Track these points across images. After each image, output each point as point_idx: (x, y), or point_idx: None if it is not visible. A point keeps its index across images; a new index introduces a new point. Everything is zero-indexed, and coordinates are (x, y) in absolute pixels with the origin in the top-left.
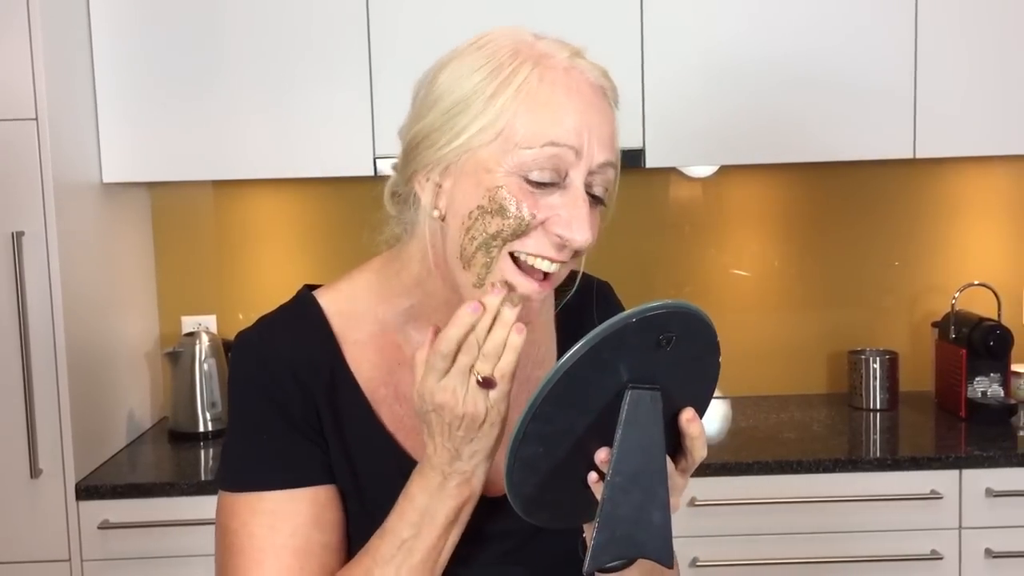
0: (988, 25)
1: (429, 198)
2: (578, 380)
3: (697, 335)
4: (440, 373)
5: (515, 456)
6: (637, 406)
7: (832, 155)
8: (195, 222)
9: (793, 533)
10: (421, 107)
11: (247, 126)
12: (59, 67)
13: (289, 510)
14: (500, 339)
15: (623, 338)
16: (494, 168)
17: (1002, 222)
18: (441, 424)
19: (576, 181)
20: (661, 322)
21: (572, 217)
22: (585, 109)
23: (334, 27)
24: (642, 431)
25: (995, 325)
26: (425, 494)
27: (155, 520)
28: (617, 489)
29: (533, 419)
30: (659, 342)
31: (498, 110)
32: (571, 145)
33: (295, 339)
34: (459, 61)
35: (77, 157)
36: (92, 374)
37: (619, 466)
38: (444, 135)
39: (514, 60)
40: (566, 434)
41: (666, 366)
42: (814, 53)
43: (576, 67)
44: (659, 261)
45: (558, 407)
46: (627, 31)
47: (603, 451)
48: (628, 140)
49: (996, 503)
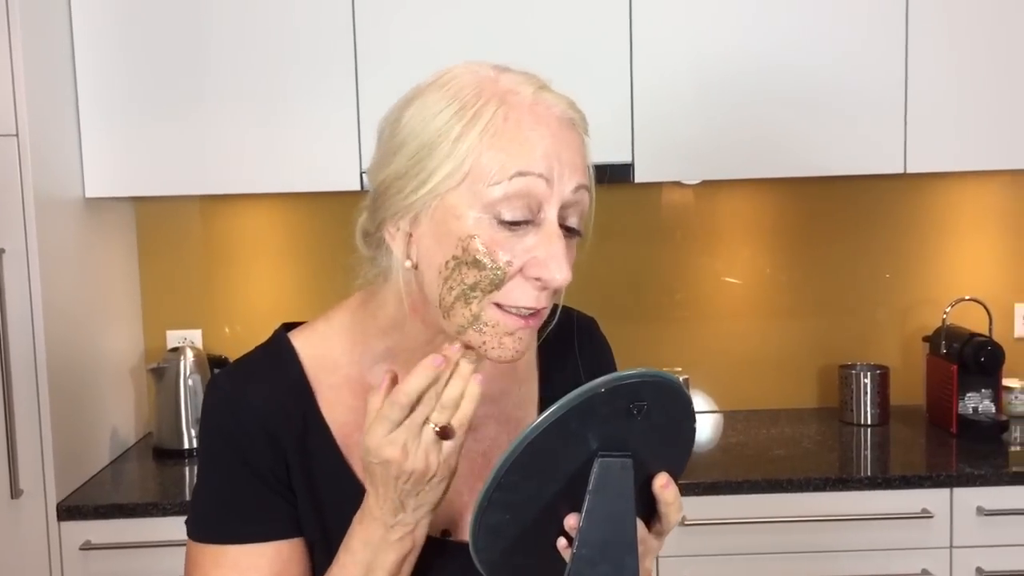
0: (978, 41)
1: (401, 248)
2: (544, 450)
3: (670, 403)
4: (392, 425)
5: (480, 523)
6: (606, 475)
7: (823, 170)
8: (180, 236)
9: (784, 552)
10: (387, 150)
11: (233, 140)
12: (40, 81)
13: (253, 565)
14: (458, 391)
15: (592, 408)
16: (464, 213)
17: (993, 237)
18: (386, 477)
19: (550, 216)
20: (631, 391)
21: (549, 256)
22: (553, 139)
23: (320, 41)
24: (611, 500)
25: (986, 341)
26: (367, 548)
27: (138, 541)
28: (584, 561)
29: (498, 488)
30: (630, 411)
31: (464, 152)
32: (540, 173)
33: (268, 387)
34: (422, 101)
35: (59, 172)
36: (74, 391)
37: (586, 536)
38: (411, 181)
39: (478, 99)
40: (533, 501)
41: (638, 433)
42: (804, 68)
43: (542, 101)
44: (650, 269)
45: (524, 476)
46: (616, 46)
47: (572, 517)
48: (617, 155)
49: (987, 522)
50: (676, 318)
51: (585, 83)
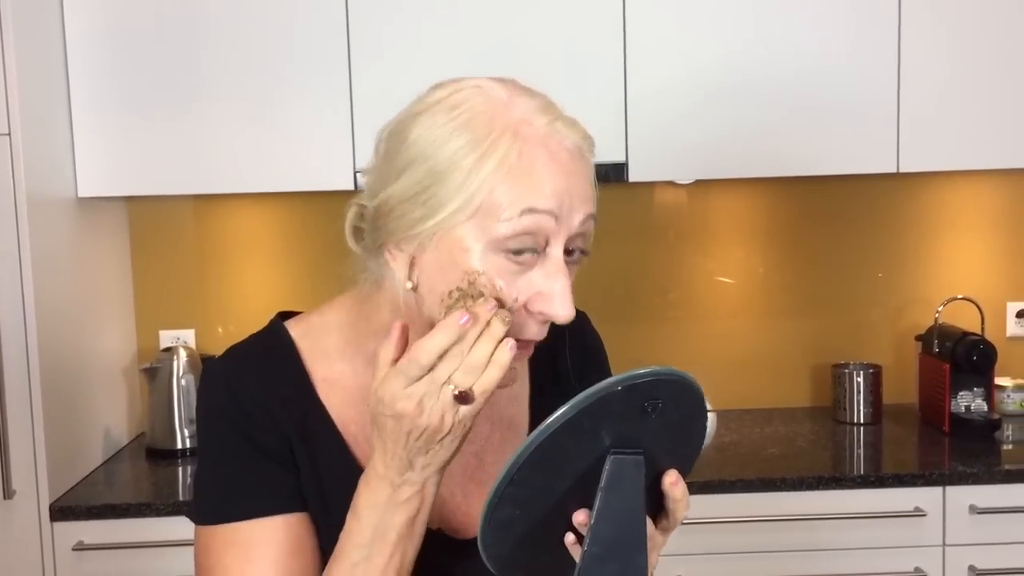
0: (971, 40)
1: (403, 270)
2: (558, 446)
3: (685, 401)
4: (410, 380)
5: (490, 519)
6: (618, 472)
7: (815, 169)
8: (174, 236)
9: (777, 551)
10: (392, 167)
11: (226, 139)
12: (33, 81)
13: (265, 539)
14: (485, 353)
15: (606, 406)
16: (471, 246)
17: (986, 236)
18: (397, 431)
19: (555, 252)
20: (647, 389)
21: (553, 293)
22: (564, 175)
23: (314, 40)
24: (622, 498)
25: (979, 339)
26: (374, 510)
27: (131, 541)
28: (594, 559)
29: (510, 483)
30: (644, 409)
31: (476, 187)
32: (550, 210)
33: (265, 373)
34: (432, 121)
35: (52, 172)
36: (67, 391)
37: (597, 534)
38: (417, 208)
39: (491, 131)
40: (544, 497)
41: (651, 431)
42: (798, 67)
43: (555, 134)
44: (643, 267)
45: (535, 472)
46: (610, 45)
47: (581, 513)
48: (611, 154)
49: (980, 520)
50: (669, 317)
51: (580, 82)
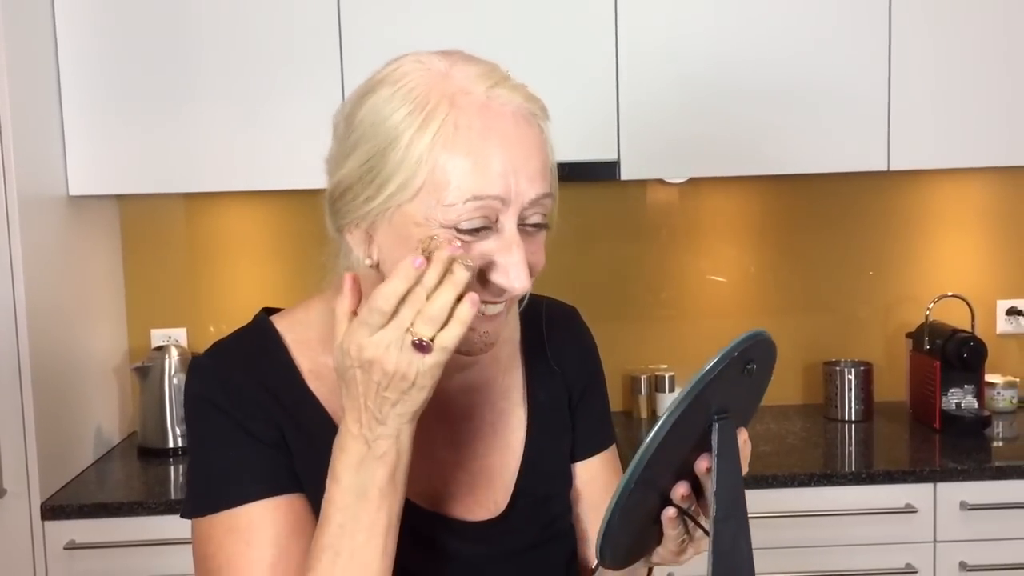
0: (961, 38)
1: (361, 248)
2: (684, 421)
3: (769, 359)
4: (373, 328)
5: (623, 505)
6: (724, 436)
7: (806, 167)
8: (165, 234)
9: (769, 548)
10: (341, 149)
11: (217, 137)
12: (23, 78)
13: (265, 521)
14: (446, 302)
15: (722, 374)
16: (422, 222)
17: (976, 233)
18: (367, 382)
19: (507, 225)
20: (749, 353)
21: (508, 264)
22: (507, 149)
23: (306, 38)
24: (730, 461)
25: (969, 337)
26: (353, 472)
27: (123, 540)
28: (720, 523)
29: (645, 467)
30: (743, 371)
31: (415, 161)
32: (496, 195)
33: (253, 365)
34: (375, 98)
35: (43, 170)
36: (58, 390)
37: (720, 500)
38: (365, 189)
39: (427, 101)
40: (661, 475)
41: (742, 391)
42: (788, 66)
43: (494, 100)
44: (636, 266)
45: (662, 451)
46: (601, 44)
47: (683, 486)
48: (603, 152)
49: (971, 516)
50: (661, 316)
51: (571, 81)
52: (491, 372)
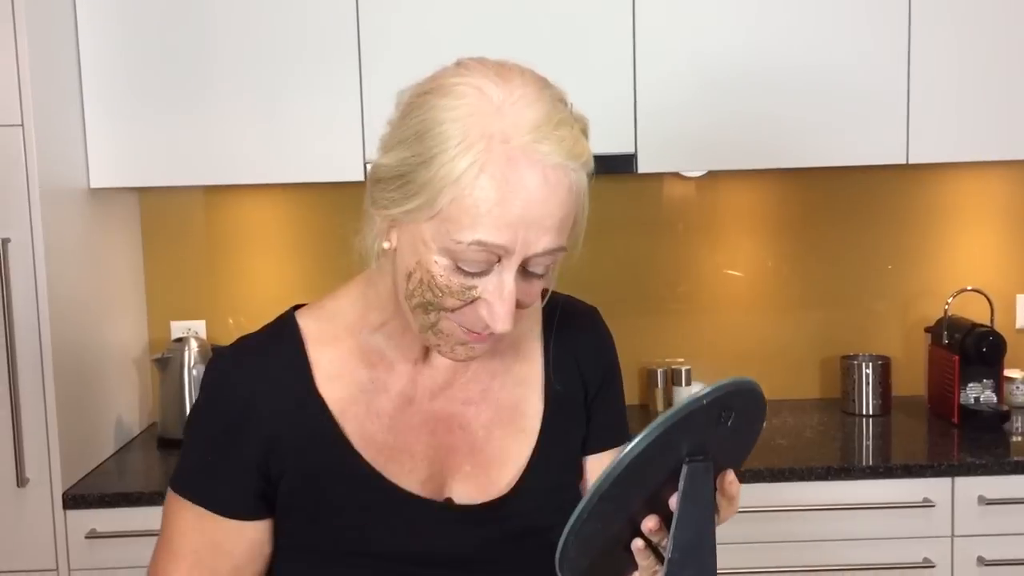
0: (981, 31)
1: (383, 231)
2: (645, 461)
3: (752, 408)
4: None
5: (577, 533)
6: (694, 479)
7: (824, 161)
8: (185, 227)
9: (786, 541)
10: (392, 134)
11: (237, 130)
12: (45, 72)
13: (206, 530)
14: None
15: (691, 419)
16: (429, 243)
17: (995, 227)
18: None
19: (506, 271)
20: (726, 401)
21: (494, 305)
22: (527, 203)
23: (324, 31)
24: (697, 504)
25: (988, 331)
26: None
27: (143, 529)
28: (675, 565)
29: (600, 500)
30: (719, 418)
31: (439, 189)
32: (500, 245)
33: (263, 363)
34: (433, 102)
35: (64, 163)
36: (80, 381)
37: (678, 541)
38: (394, 192)
39: (467, 134)
40: (623, 508)
41: (720, 437)
42: (807, 58)
43: (532, 152)
44: (652, 259)
45: (621, 486)
46: (619, 36)
47: (651, 519)
48: (620, 145)
49: (989, 511)
50: (678, 310)
51: (588, 73)
52: (507, 360)
